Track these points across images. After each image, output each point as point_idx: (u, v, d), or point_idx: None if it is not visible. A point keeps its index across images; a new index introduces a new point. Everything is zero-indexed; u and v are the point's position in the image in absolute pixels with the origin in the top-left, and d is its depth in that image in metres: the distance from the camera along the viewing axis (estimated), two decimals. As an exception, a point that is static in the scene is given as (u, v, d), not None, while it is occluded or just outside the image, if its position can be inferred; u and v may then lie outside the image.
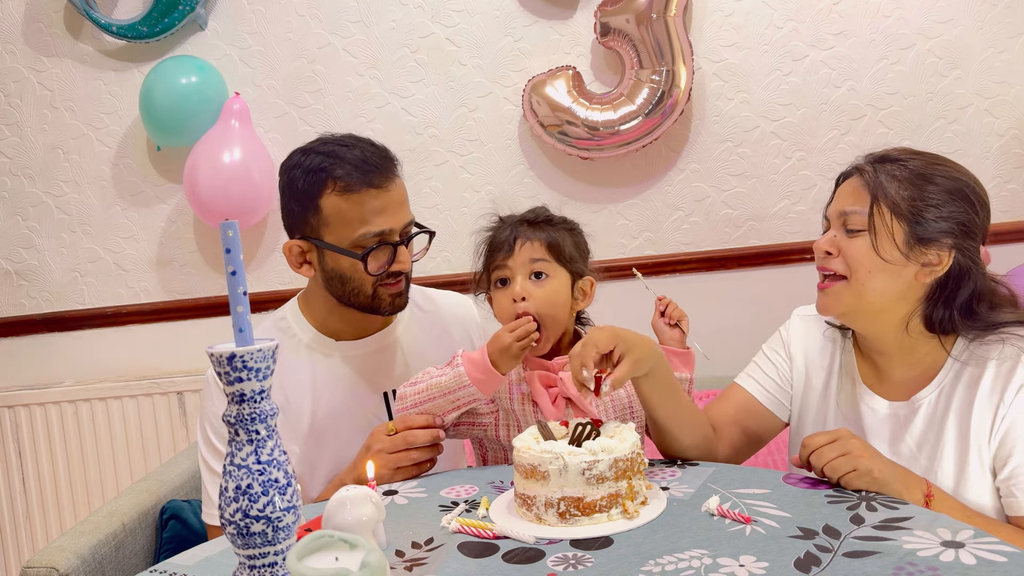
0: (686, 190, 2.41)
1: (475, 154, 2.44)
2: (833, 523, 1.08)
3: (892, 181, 1.26)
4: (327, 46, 2.44)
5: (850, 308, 1.31)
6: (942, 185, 1.26)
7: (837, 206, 1.32)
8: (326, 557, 0.84)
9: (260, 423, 0.90)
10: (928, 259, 1.26)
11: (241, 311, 0.89)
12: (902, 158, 1.29)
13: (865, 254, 1.27)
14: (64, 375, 2.57)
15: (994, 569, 0.93)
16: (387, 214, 1.42)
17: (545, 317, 1.41)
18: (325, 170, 1.41)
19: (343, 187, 1.40)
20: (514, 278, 1.43)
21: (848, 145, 2.36)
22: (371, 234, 1.41)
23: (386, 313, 1.50)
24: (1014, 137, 2.34)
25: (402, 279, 1.48)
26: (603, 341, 1.25)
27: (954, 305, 1.27)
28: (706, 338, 1.76)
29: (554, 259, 1.44)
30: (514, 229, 1.45)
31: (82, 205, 2.54)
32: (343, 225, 1.41)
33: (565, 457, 1.15)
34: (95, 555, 1.41)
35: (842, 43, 2.34)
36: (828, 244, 1.31)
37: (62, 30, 2.49)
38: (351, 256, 1.41)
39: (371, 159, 1.42)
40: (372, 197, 1.41)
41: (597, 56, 2.38)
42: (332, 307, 1.51)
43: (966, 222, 1.26)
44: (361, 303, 1.47)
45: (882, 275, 1.26)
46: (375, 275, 1.43)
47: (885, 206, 1.25)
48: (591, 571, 1.02)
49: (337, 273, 1.45)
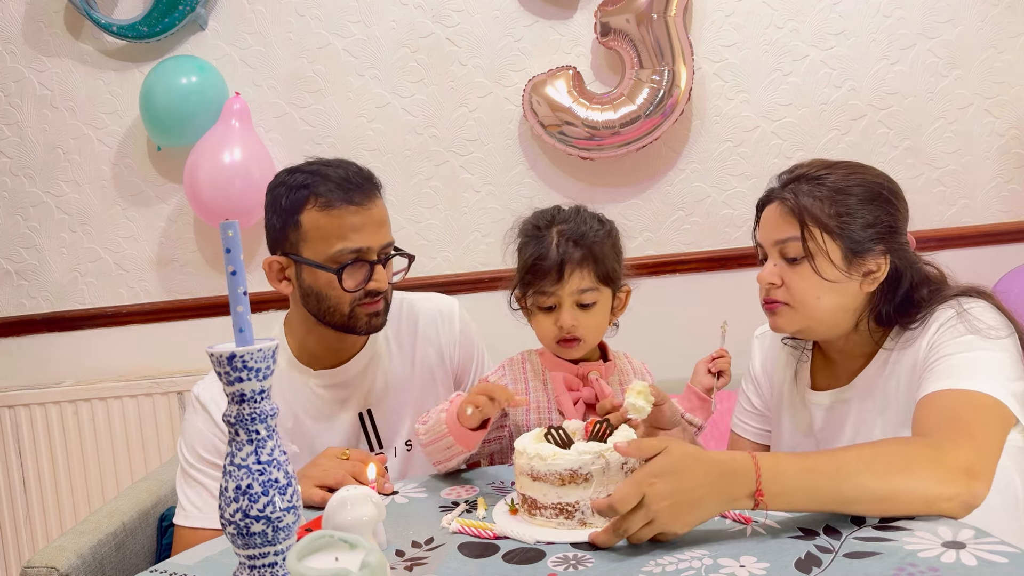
0: (686, 190, 2.41)
1: (475, 154, 2.44)
2: (834, 523, 1.08)
3: (814, 202, 1.28)
4: (327, 46, 2.44)
5: (802, 328, 1.35)
6: (859, 194, 1.29)
7: (769, 235, 1.34)
8: (326, 557, 0.84)
9: (260, 423, 0.90)
10: (868, 268, 1.29)
11: (241, 311, 0.89)
12: (816, 175, 1.31)
13: (809, 281, 1.29)
14: (64, 375, 2.57)
15: (995, 570, 0.93)
16: (365, 232, 1.43)
17: (589, 341, 1.42)
18: (308, 187, 1.43)
19: (324, 203, 1.41)
20: (561, 306, 1.39)
21: (848, 145, 2.36)
22: (348, 250, 1.41)
23: (362, 333, 1.49)
24: (1014, 137, 2.34)
25: (380, 300, 1.46)
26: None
27: (896, 299, 1.31)
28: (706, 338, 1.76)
29: (601, 284, 1.40)
30: (563, 251, 1.37)
31: (82, 205, 2.54)
32: (321, 240, 1.42)
33: (606, 455, 1.14)
34: (95, 555, 1.41)
35: (842, 43, 2.34)
36: (772, 276, 1.33)
37: (62, 30, 2.49)
38: (327, 270, 1.42)
39: (353, 179, 1.44)
40: (351, 214, 1.42)
41: (597, 56, 2.38)
42: (310, 327, 1.50)
43: (891, 223, 1.30)
44: (337, 322, 1.46)
45: (829, 296, 1.30)
46: (351, 292, 1.42)
47: (815, 228, 1.28)
48: (591, 571, 1.02)
49: (314, 290, 1.45)
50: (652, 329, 2.07)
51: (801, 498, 1.07)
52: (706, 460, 1.07)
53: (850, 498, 1.07)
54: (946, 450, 1.09)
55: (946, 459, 1.08)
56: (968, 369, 1.20)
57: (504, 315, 1.53)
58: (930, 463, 1.08)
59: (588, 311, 1.40)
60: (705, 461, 1.07)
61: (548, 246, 1.38)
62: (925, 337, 1.28)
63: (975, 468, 1.09)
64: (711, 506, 1.06)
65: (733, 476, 1.06)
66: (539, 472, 1.14)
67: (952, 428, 1.13)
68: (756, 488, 1.05)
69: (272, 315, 2.45)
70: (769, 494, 1.05)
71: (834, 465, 1.09)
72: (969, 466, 1.08)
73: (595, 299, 1.40)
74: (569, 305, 1.39)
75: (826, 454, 1.16)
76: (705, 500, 1.05)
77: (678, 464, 1.05)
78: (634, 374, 1.53)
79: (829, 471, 1.08)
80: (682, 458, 1.06)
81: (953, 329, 1.25)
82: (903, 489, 1.07)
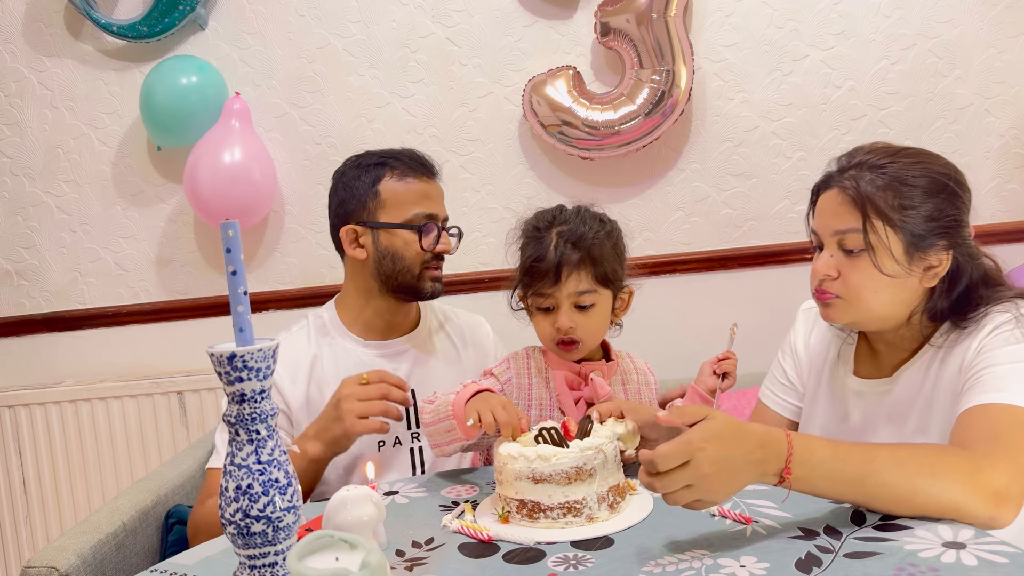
0: (686, 190, 2.41)
1: (475, 154, 2.44)
2: (834, 523, 1.08)
3: (877, 191, 1.22)
4: (327, 46, 2.43)
5: (855, 320, 1.30)
6: (924, 186, 1.23)
7: (828, 224, 1.28)
8: (326, 557, 0.84)
9: (260, 423, 0.90)
10: (929, 263, 1.24)
11: (241, 311, 0.89)
12: (880, 163, 1.25)
13: (867, 275, 1.24)
14: (64, 375, 2.57)
15: (995, 570, 0.93)
16: (434, 200, 1.66)
17: (587, 343, 1.42)
18: (384, 164, 1.64)
19: (400, 174, 1.63)
20: (559, 307, 1.40)
21: (848, 145, 2.32)
22: (424, 214, 1.63)
23: (426, 295, 1.66)
24: (1014, 137, 2.34)
25: (442, 265, 1.67)
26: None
27: (953, 296, 1.25)
28: (706, 338, 1.76)
29: (600, 285, 1.40)
30: (560, 253, 1.37)
31: (82, 205, 2.54)
32: (399, 205, 1.62)
33: (605, 449, 1.16)
34: (96, 555, 1.41)
35: (842, 43, 2.34)
36: (829, 268, 1.27)
37: (62, 30, 2.49)
38: (408, 229, 1.61)
39: (420, 158, 1.67)
40: (424, 183, 1.65)
41: (597, 56, 2.38)
42: (371, 298, 1.67)
43: (956, 216, 1.24)
44: (407, 282, 1.63)
45: (887, 290, 1.24)
46: (427, 250, 1.61)
47: (878, 220, 1.22)
48: (592, 571, 1.02)
49: (391, 251, 1.62)
50: (652, 329, 2.07)
51: (824, 484, 1.07)
52: (747, 430, 1.06)
53: (872, 493, 1.06)
54: (982, 467, 1.06)
55: (979, 476, 1.05)
56: (1019, 383, 1.14)
57: (504, 315, 1.54)
58: (962, 476, 1.05)
59: (586, 313, 1.40)
60: (746, 431, 1.06)
61: (547, 247, 1.38)
62: (976, 338, 1.22)
63: (1007, 492, 1.05)
64: (746, 476, 1.05)
65: (767, 449, 1.05)
66: (543, 474, 1.14)
67: (993, 445, 1.09)
68: (785, 466, 1.05)
69: (272, 315, 2.46)
70: (796, 475, 1.05)
71: (865, 458, 1.07)
72: (1001, 489, 1.05)
73: (593, 301, 1.40)
74: (567, 307, 1.39)
75: (860, 446, 1.11)
76: (743, 470, 1.04)
77: (726, 431, 1.05)
78: (636, 374, 1.53)
79: (858, 463, 1.07)
80: (727, 425, 1.05)
81: (1009, 334, 1.19)
82: (927, 494, 1.05)
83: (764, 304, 2.31)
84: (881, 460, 1.07)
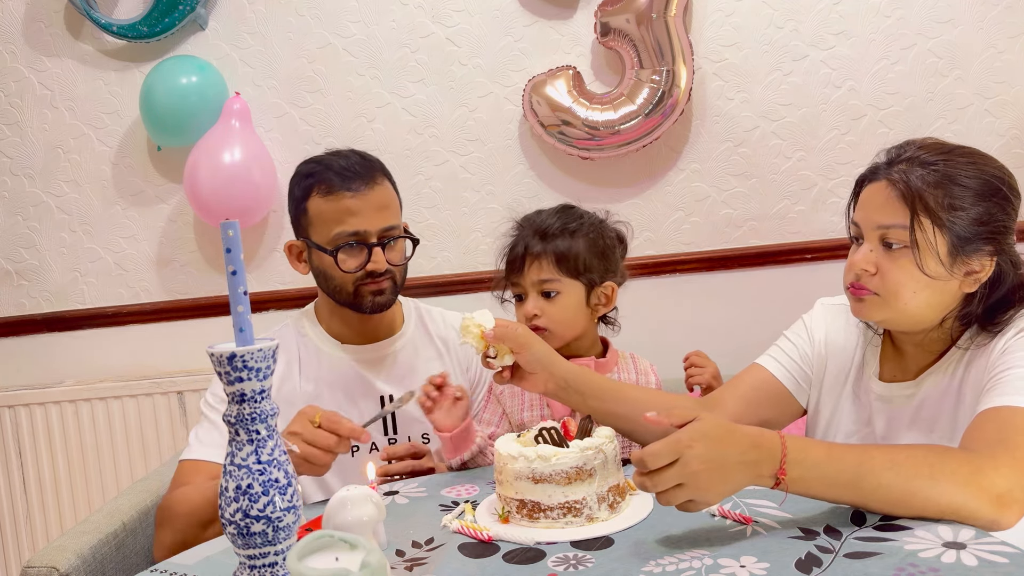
0: (686, 190, 2.41)
1: (475, 154, 2.44)
2: (834, 523, 1.08)
3: (927, 188, 1.17)
4: (327, 46, 2.43)
5: (888, 319, 1.26)
6: (975, 188, 1.19)
7: (872, 218, 1.22)
8: (326, 557, 0.84)
9: (260, 423, 0.90)
10: (971, 267, 1.20)
11: (241, 311, 0.89)
12: (931, 160, 1.20)
13: (908, 273, 1.19)
14: (64, 375, 2.57)
15: (995, 570, 0.93)
16: (362, 216, 1.52)
17: (556, 331, 1.46)
18: (313, 175, 1.56)
19: (326, 189, 1.54)
20: (526, 295, 1.47)
21: (848, 145, 2.36)
22: (346, 233, 1.52)
23: (368, 311, 1.57)
24: (1014, 137, 2.34)
25: (384, 280, 1.55)
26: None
27: (990, 302, 1.22)
28: (706, 338, 1.76)
29: (565, 274, 1.45)
30: (526, 243, 1.47)
31: (82, 205, 2.54)
32: (322, 224, 1.54)
33: (604, 449, 1.17)
34: (95, 555, 1.41)
35: (842, 43, 2.34)
36: (868, 263, 1.22)
37: (62, 30, 2.49)
38: (326, 253, 1.53)
39: (354, 167, 1.55)
40: (351, 198, 1.52)
41: (597, 56, 2.38)
42: (332, 308, 1.63)
43: (1005, 222, 1.20)
44: (344, 300, 1.57)
45: (926, 291, 1.20)
46: (350, 273, 1.53)
47: (926, 218, 1.17)
48: (592, 571, 1.02)
49: (321, 270, 1.58)
50: (652, 329, 2.07)
51: (821, 486, 1.06)
52: (738, 431, 1.06)
53: (869, 495, 1.05)
54: (984, 470, 1.04)
55: (981, 479, 1.04)
56: None
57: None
58: (962, 478, 1.04)
59: (552, 301, 1.45)
60: (738, 432, 1.06)
61: (516, 239, 1.49)
62: (1002, 339, 1.19)
63: (1010, 496, 1.03)
64: (740, 478, 1.05)
65: (760, 450, 1.05)
66: (543, 474, 1.15)
67: (999, 448, 1.07)
68: (779, 467, 1.04)
69: (272, 315, 2.46)
70: (791, 476, 1.05)
71: (860, 459, 1.07)
72: (1004, 493, 1.03)
73: (557, 289, 1.45)
74: (533, 294, 1.46)
75: (856, 448, 1.11)
76: (737, 471, 1.04)
77: (715, 431, 1.04)
78: (637, 374, 1.54)
79: (854, 463, 1.06)
80: (718, 425, 1.05)
81: None
82: (925, 496, 1.04)
83: (763, 304, 2.31)
84: (877, 461, 1.06)
